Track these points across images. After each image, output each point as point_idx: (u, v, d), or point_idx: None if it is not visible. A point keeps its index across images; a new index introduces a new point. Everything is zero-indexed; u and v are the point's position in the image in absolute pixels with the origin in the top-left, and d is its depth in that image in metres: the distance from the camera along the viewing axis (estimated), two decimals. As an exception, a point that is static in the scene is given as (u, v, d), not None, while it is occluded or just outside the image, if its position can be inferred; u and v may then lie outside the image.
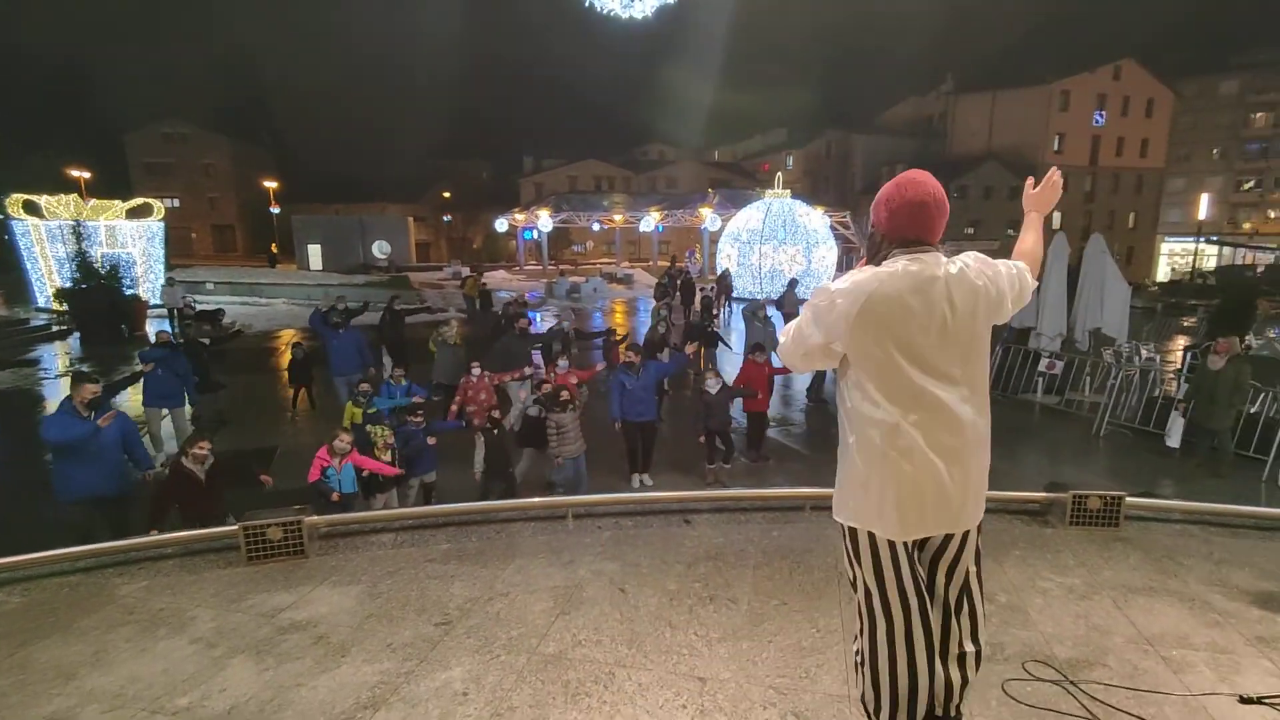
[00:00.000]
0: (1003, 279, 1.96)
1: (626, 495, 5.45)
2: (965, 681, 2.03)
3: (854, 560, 1.99)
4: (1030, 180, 2.35)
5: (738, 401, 7.80)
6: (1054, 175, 2.25)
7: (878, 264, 1.90)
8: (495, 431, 6.57)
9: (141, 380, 8.08)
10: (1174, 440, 8.56)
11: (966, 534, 1.99)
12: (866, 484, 1.89)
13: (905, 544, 1.92)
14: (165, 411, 8.30)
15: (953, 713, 2.02)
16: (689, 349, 7.80)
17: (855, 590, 2.03)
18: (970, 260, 1.93)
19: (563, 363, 7.77)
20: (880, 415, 1.84)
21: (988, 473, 2.02)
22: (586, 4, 6.98)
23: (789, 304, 14.54)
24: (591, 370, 8.31)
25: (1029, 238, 2.24)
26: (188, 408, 8.77)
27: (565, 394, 6.65)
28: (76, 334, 16.75)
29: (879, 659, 1.96)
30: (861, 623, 2.01)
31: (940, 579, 2.01)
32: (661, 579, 3.63)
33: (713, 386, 7.20)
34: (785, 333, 2.01)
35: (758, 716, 2.57)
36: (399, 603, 3.42)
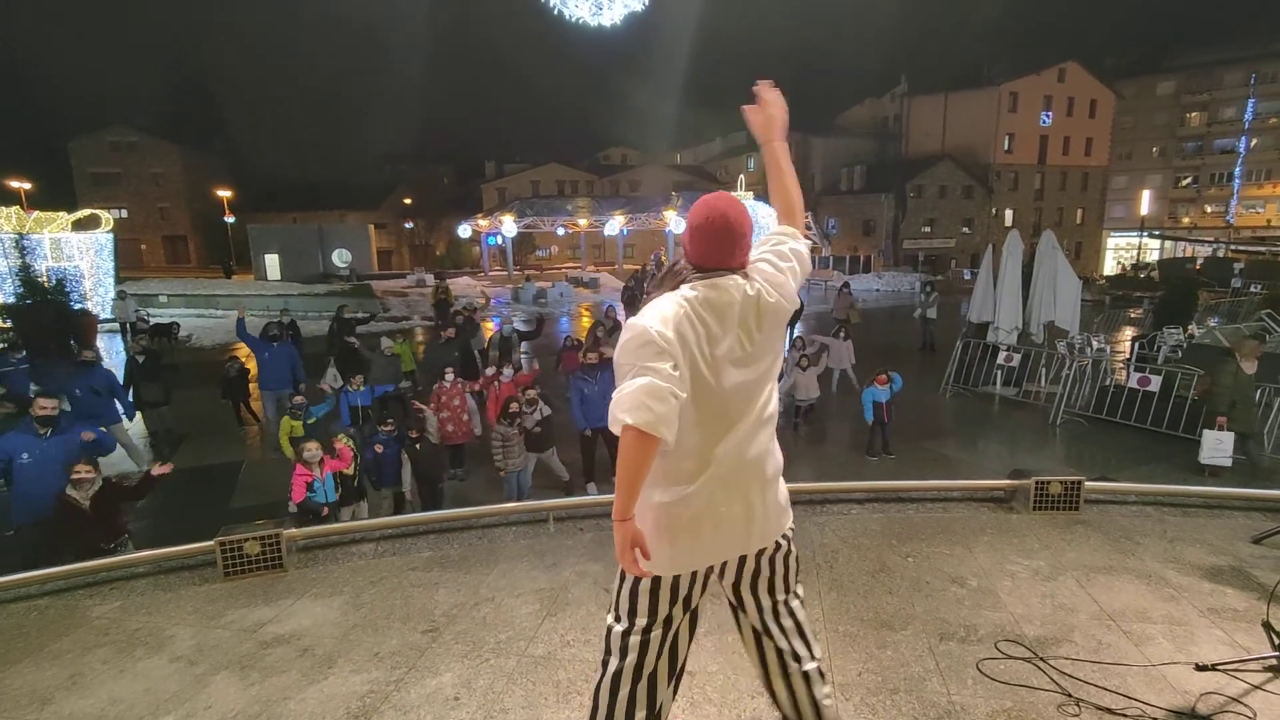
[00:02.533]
0: (790, 286, 1.90)
1: (607, 497, 5.48)
2: None
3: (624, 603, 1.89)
4: (750, 107, 2.11)
5: None
6: (761, 89, 2.07)
7: (673, 288, 1.79)
8: (418, 445, 6.49)
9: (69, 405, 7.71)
10: (1222, 457, 6.93)
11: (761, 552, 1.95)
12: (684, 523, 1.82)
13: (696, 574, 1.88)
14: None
15: None
16: None
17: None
18: (762, 278, 1.84)
19: (507, 372, 7.73)
20: (693, 445, 1.76)
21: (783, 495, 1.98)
22: (555, 11, 7.00)
23: (840, 309, 15.38)
24: (530, 374, 8.26)
25: (784, 180, 2.09)
26: (126, 423, 8.31)
27: (514, 405, 6.63)
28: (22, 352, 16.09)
29: None
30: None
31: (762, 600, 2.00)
32: (645, 578, 3.68)
33: (806, 382, 7.42)
34: (629, 399, 1.57)
35: (746, 705, 2.64)
36: (384, 612, 3.41)
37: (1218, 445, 6.86)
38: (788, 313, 1.88)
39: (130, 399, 8.47)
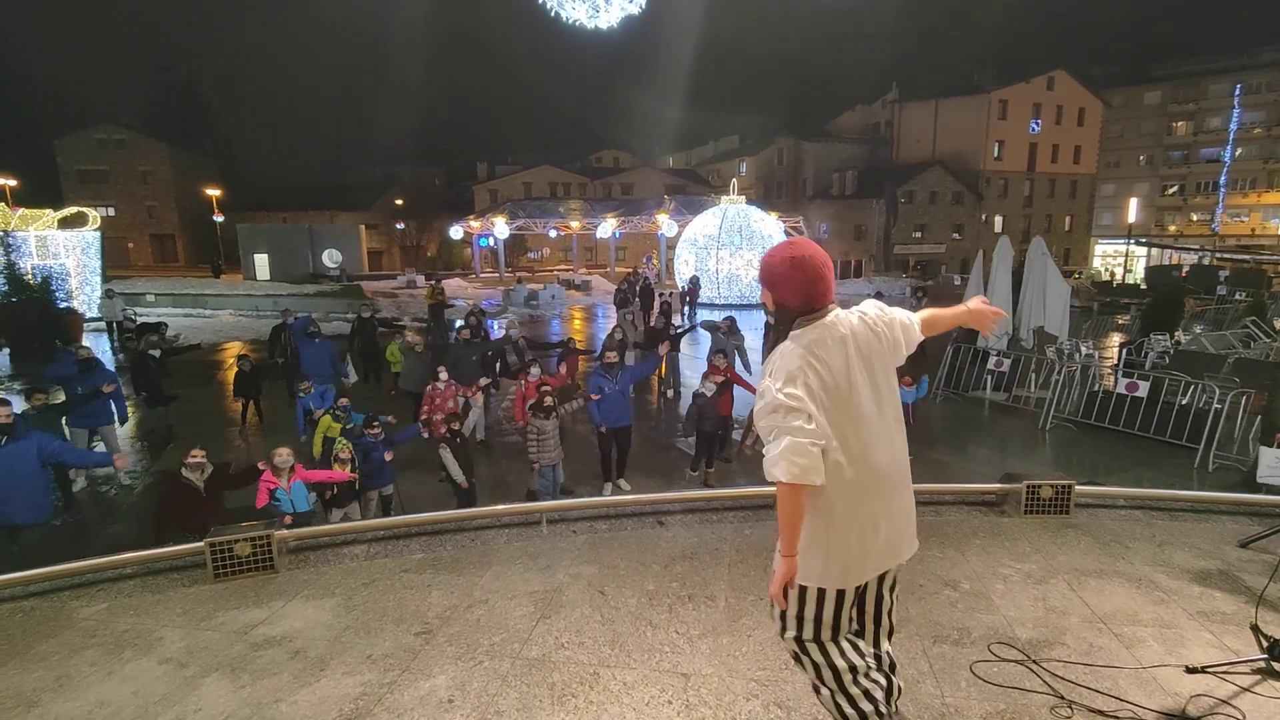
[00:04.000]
0: (896, 326, 2.08)
1: (599, 499, 5.48)
2: None
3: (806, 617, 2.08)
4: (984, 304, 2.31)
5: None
6: (989, 310, 2.26)
7: (786, 338, 1.97)
8: (458, 440, 6.50)
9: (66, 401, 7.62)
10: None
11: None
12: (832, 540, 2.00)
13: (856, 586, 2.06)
14: (95, 431, 7.62)
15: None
16: (662, 348, 7.85)
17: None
18: (869, 309, 2.06)
19: (535, 370, 7.71)
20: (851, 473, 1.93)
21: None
22: (553, 13, 6.99)
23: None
24: (561, 380, 8.29)
25: (949, 315, 2.29)
26: (120, 424, 8.22)
27: (549, 400, 6.64)
28: (6, 350, 15.90)
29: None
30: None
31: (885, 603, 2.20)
32: (639, 580, 3.68)
33: (708, 389, 7.26)
34: (778, 458, 1.80)
35: (741, 708, 2.64)
36: (376, 614, 3.38)
37: (1278, 463, 6.50)
38: (892, 344, 2.05)
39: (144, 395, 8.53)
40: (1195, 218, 50.72)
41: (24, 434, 4.95)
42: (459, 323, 11.78)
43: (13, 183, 26.72)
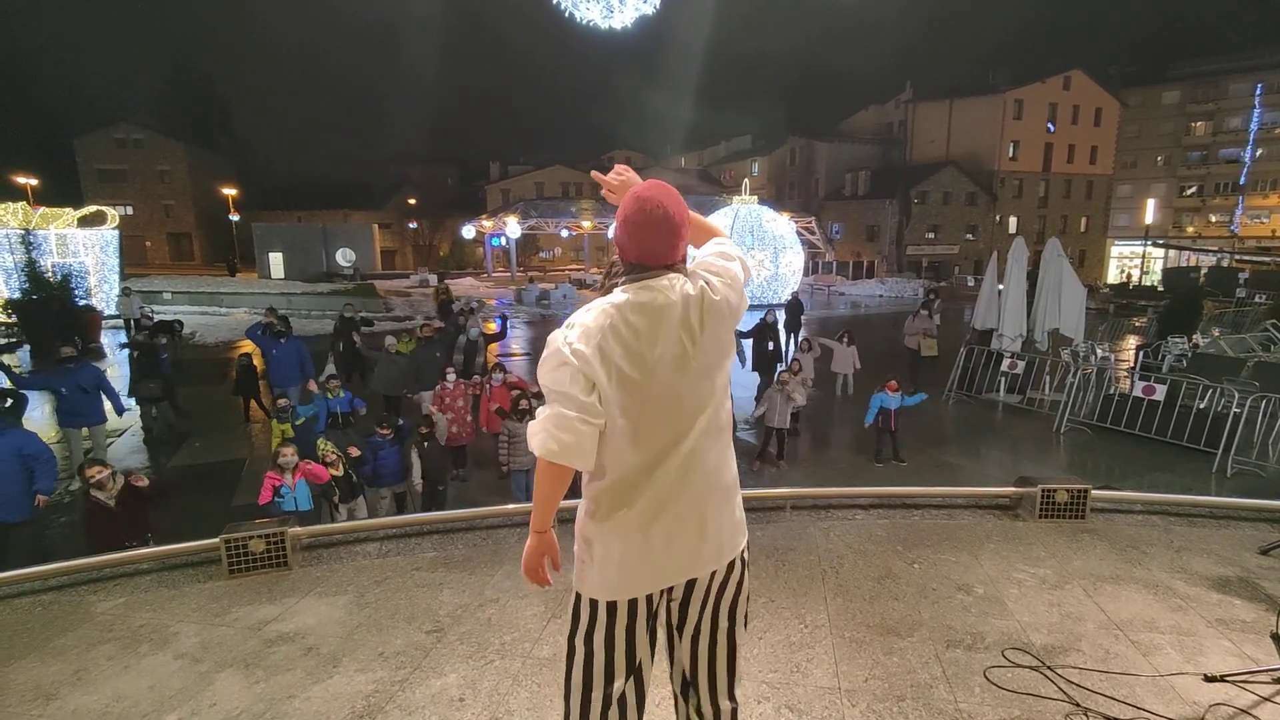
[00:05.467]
0: (739, 281, 1.76)
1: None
2: None
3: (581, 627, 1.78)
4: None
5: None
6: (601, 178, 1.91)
7: (607, 292, 1.66)
8: (426, 444, 6.49)
9: (56, 403, 7.63)
10: None
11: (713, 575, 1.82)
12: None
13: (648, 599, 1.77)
14: (85, 431, 7.63)
15: None
16: None
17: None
18: (706, 273, 1.71)
19: (498, 375, 7.66)
20: (633, 462, 1.64)
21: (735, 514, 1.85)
22: (566, 14, 7.01)
23: (915, 332, 12.63)
24: (521, 380, 8.10)
25: (697, 228, 1.88)
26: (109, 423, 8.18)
27: (525, 402, 6.62)
28: (27, 347, 16.14)
29: None
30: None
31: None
32: (650, 581, 3.67)
33: (799, 394, 7.96)
34: (538, 428, 1.57)
35: (752, 711, 2.63)
36: (388, 611, 3.40)
37: None
38: (737, 311, 1.72)
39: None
40: (1214, 219, 50.10)
41: (4, 431, 4.98)
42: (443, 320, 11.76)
43: (34, 182, 27.15)
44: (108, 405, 7.76)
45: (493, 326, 11.37)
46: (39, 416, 9.78)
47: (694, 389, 1.66)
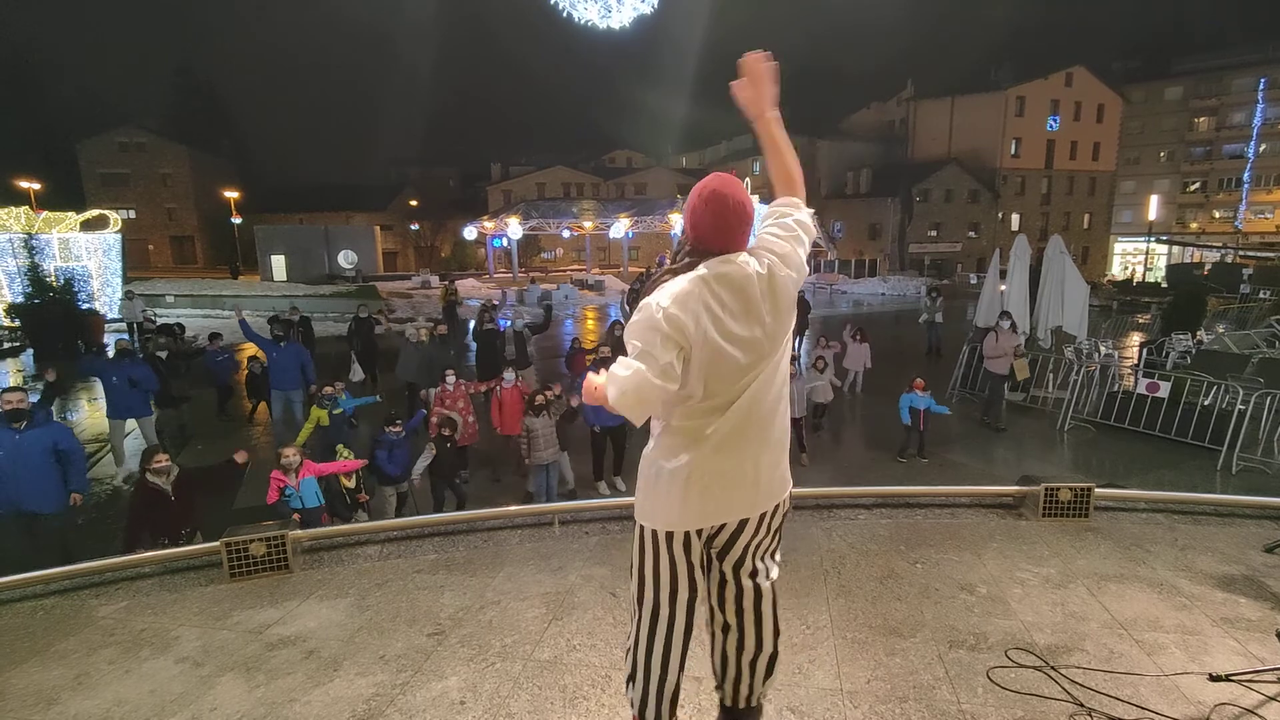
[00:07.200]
0: (797, 258, 1.92)
1: (612, 500, 5.48)
2: None
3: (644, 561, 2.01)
4: (738, 83, 1.98)
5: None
6: (749, 60, 1.96)
7: (684, 271, 1.81)
8: (448, 445, 6.50)
9: (104, 392, 7.89)
10: None
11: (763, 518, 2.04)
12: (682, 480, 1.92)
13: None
14: (131, 423, 8.03)
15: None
16: None
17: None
18: (770, 253, 1.87)
19: (509, 376, 7.58)
20: (702, 411, 1.85)
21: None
22: (565, 14, 7.01)
23: (997, 351, 12.62)
24: (527, 386, 8.00)
25: (783, 155, 2.03)
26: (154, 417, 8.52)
27: (540, 398, 6.65)
28: (30, 350, 16.19)
29: None
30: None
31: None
32: (651, 582, 3.66)
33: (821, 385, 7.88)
34: (626, 382, 1.65)
35: (754, 713, 2.61)
36: (389, 614, 3.40)
37: None
38: (798, 285, 1.92)
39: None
40: (1218, 215, 49.90)
41: (43, 421, 5.04)
42: (468, 320, 11.85)
43: (37, 186, 27.21)
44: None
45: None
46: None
47: (762, 351, 1.85)
